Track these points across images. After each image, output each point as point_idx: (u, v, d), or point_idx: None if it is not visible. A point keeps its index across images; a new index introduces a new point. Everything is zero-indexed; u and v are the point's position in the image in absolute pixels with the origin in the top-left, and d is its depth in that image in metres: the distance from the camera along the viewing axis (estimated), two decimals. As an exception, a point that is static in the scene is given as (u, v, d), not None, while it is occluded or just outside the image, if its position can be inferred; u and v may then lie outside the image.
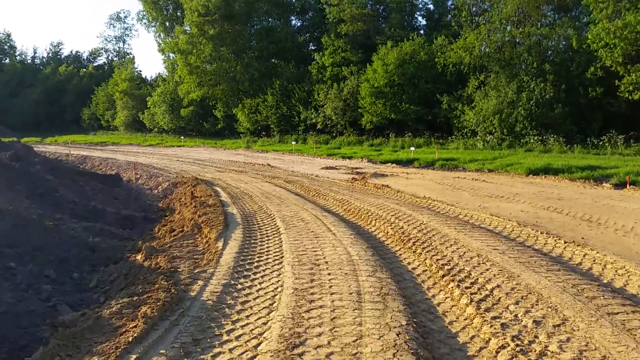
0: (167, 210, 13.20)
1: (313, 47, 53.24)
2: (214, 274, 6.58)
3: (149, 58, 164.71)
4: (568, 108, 30.15)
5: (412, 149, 28.41)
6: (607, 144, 27.36)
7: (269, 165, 25.74)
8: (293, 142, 39.54)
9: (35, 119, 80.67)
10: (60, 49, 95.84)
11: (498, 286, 6.16)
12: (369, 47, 41.85)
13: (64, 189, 14.90)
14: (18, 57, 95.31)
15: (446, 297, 6.05)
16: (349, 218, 11.33)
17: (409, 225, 9.96)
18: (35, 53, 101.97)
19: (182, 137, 53.57)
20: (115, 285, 7.23)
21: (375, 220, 10.69)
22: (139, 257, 7.83)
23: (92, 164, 27.40)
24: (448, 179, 18.79)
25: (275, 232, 9.30)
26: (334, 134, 42.43)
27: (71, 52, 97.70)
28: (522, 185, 17.22)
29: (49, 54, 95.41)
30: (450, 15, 43.41)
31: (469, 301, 5.69)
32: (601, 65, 28.38)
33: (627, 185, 16.52)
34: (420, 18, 48.48)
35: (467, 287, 6.19)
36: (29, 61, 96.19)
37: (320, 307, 5.38)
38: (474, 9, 37.98)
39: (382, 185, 16.91)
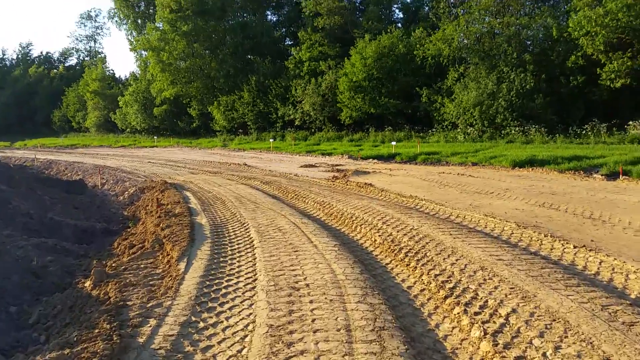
0: (130, 220, 11.97)
1: (290, 42, 52.08)
2: (171, 308, 5.43)
3: (122, 58, 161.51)
4: (549, 98, 29.65)
5: (394, 143, 27.50)
6: (589, 133, 26.83)
7: (246, 164, 24.56)
8: (271, 140, 38.36)
9: (5, 122, 77.94)
10: (29, 50, 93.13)
11: (513, 311, 5.16)
12: (346, 40, 40.86)
13: (19, 200, 13.58)
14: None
15: (453, 327, 5.03)
16: (331, 224, 10.27)
17: (398, 232, 8.94)
18: (4, 55, 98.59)
19: (156, 137, 51.91)
20: (59, 320, 6.07)
21: (361, 226, 9.66)
22: (87, 283, 6.66)
23: (57, 169, 25.84)
24: (433, 175, 17.87)
25: (248, 247, 8.15)
26: (313, 130, 41.36)
27: (41, 53, 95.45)
28: (510, 179, 16.37)
29: (18, 55, 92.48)
30: (427, 8, 42.64)
31: (482, 333, 4.68)
32: (582, 54, 27.81)
33: (620, 176, 15.79)
34: (397, 11, 47.68)
35: (476, 313, 5.18)
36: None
37: (302, 352, 4.30)
38: (451, 0, 37.22)
39: (365, 183, 15.88)
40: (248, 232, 9.11)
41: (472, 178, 16.71)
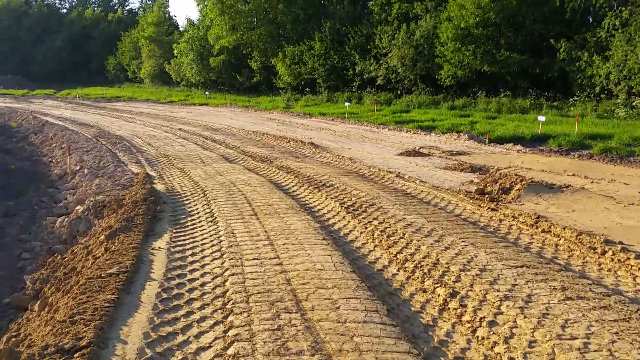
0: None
1: (373, -21, 42.44)
2: None
3: (187, 4, 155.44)
4: None
5: (542, 119, 17.98)
6: None
7: (312, 144, 16.16)
8: (346, 103, 29.66)
9: (60, 68, 73.19)
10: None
11: None
12: (451, -26, 31.09)
13: None
14: (45, 1, 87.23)
15: None
16: None
17: None
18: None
19: (207, 93, 44.34)
20: None
21: None
22: None
23: (44, 136, 18.34)
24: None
25: None
26: (400, 92, 32.30)
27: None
28: None
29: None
30: None
31: None
32: None
33: None
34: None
35: None
36: (56, 4, 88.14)
37: None
38: None
39: (605, 243, 6.77)
40: None
41: None
